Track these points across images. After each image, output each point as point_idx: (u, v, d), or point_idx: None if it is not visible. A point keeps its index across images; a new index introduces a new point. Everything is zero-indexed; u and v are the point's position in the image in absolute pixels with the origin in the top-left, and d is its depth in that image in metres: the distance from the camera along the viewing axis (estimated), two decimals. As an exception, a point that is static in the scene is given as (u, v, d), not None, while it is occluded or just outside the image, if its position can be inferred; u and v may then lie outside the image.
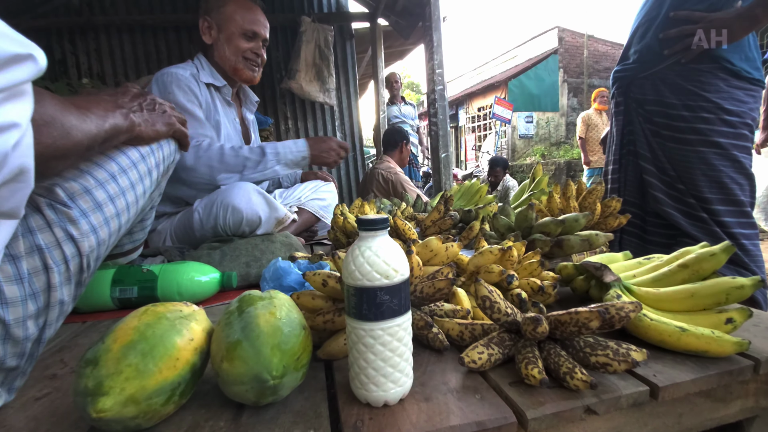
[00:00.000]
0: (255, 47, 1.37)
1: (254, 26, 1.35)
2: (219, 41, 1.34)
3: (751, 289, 0.60)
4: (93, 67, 3.50)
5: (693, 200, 1.23)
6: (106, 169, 0.65)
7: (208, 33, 1.35)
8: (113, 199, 0.65)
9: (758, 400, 0.64)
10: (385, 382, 0.47)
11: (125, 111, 0.66)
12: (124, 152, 0.69)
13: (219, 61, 1.36)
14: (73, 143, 0.52)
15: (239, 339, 0.46)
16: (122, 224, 0.68)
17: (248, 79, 1.40)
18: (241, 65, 1.36)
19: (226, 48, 1.34)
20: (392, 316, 0.46)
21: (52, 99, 0.49)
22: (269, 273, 0.89)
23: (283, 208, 1.23)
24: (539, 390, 0.51)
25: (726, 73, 1.20)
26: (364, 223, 0.46)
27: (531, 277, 0.78)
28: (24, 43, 0.38)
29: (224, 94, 1.41)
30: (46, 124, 0.48)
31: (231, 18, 1.32)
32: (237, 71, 1.37)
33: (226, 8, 1.32)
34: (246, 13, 1.33)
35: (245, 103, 1.54)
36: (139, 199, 0.71)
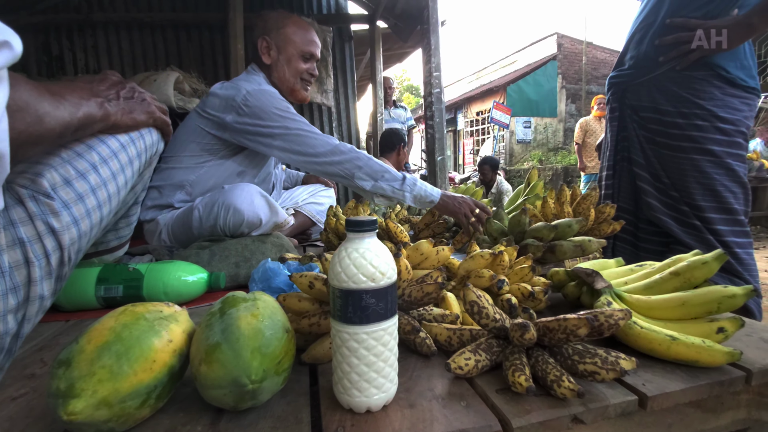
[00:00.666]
0: (311, 68, 1.40)
1: (312, 47, 1.38)
2: (279, 62, 1.35)
3: (743, 299, 0.59)
4: (90, 64, 3.48)
5: (686, 207, 1.23)
6: (86, 159, 0.64)
7: (267, 53, 1.36)
8: (95, 189, 0.64)
9: (750, 412, 0.63)
10: (368, 387, 0.46)
11: (100, 99, 0.64)
12: (104, 141, 0.67)
13: (277, 82, 1.37)
14: (46, 129, 0.50)
15: (219, 341, 0.45)
16: (104, 216, 0.67)
17: (302, 99, 1.43)
18: (299, 86, 1.39)
19: (286, 69, 1.35)
20: (378, 320, 0.45)
21: (26, 84, 0.48)
22: (258, 274, 0.88)
23: (284, 213, 1.23)
24: (526, 398, 0.50)
25: (721, 80, 1.20)
26: (351, 224, 0.45)
27: (522, 282, 0.77)
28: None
29: None
30: (20, 109, 0.46)
31: (290, 39, 1.34)
32: (294, 92, 1.40)
33: (286, 30, 1.35)
34: (304, 34, 1.36)
35: None
36: (121, 189, 0.70)
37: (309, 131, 1.21)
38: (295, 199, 1.68)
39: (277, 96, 1.25)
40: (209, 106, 1.26)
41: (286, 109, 1.22)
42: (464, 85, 17.89)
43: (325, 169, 1.20)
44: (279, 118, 1.20)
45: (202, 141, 1.27)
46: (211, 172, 1.29)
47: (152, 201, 1.25)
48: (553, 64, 13.13)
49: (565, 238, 0.98)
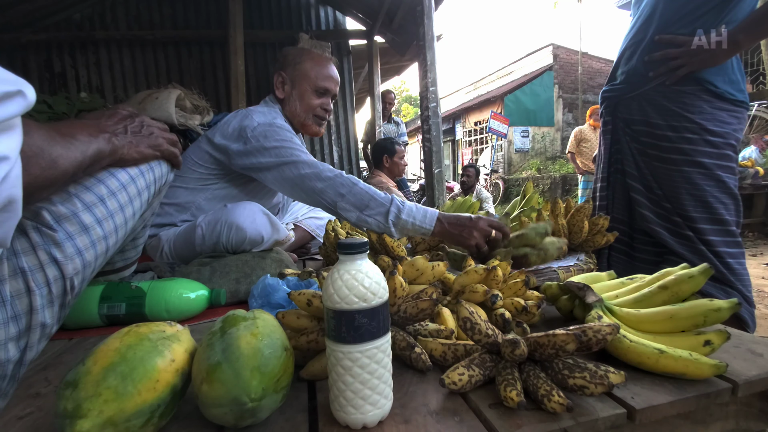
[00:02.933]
0: (325, 103, 1.40)
1: (327, 83, 1.38)
2: (291, 97, 1.37)
3: (728, 312, 0.61)
4: (92, 81, 3.53)
5: (679, 219, 1.25)
6: (94, 192, 0.66)
7: (281, 88, 1.38)
8: (101, 221, 0.66)
9: (738, 422, 0.64)
10: (363, 404, 0.47)
11: (108, 135, 0.66)
12: (114, 174, 0.70)
13: (289, 116, 1.39)
14: (60, 172, 0.53)
15: (219, 361, 0.46)
16: (110, 246, 0.69)
17: (314, 133, 1.45)
18: (310, 121, 1.40)
19: (298, 104, 1.37)
20: (371, 339, 0.47)
21: (38, 130, 0.50)
22: (258, 290, 0.90)
23: (285, 230, 1.25)
24: (518, 412, 0.52)
25: (709, 95, 1.23)
26: (343, 246, 0.47)
27: (515, 296, 0.79)
28: (13, 81, 0.39)
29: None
30: (34, 155, 0.49)
31: (306, 75, 1.35)
32: (305, 126, 1.41)
33: (303, 66, 1.36)
34: (321, 70, 1.37)
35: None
36: (129, 220, 0.72)
37: (300, 159, 1.17)
38: (294, 213, 1.70)
39: (284, 128, 1.25)
40: (221, 132, 1.27)
41: (290, 140, 1.22)
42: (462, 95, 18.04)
43: (312, 198, 1.15)
44: (277, 150, 1.19)
45: (210, 166, 1.29)
46: (216, 196, 1.30)
47: (156, 218, 1.27)
48: (549, 74, 13.27)
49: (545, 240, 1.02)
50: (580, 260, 1.19)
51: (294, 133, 1.32)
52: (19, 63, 3.43)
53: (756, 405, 0.65)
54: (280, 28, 3.75)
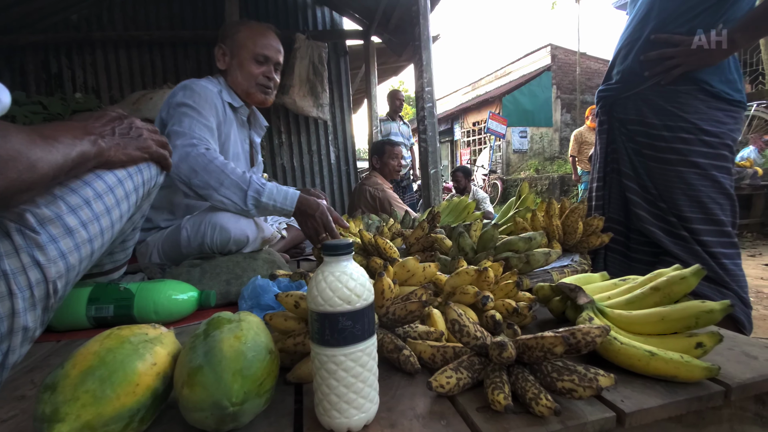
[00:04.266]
0: (266, 71, 1.39)
1: (265, 50, 1.38)
2: (232, 67, 1.38)
3: (720, 314, 0.60)
4: (88, 82, 3.52)
5: (674, 219, 1.24)
6: (80, 194, 0.65)
7: (223, 59, 1.39)
8: (86, 224, 0.65)
9: (733, 427, 0.63)
10: (347, 408, 0.46)
11: (94, 137, 0.65)
12: (101, 177, 0.69)
13: (232, 86, 1.40)
14: (39, 176, 0.52)
15: (201, 364, 0.46)
16: (95, 249, 0.68)
17: (260, 102, 1.44)
18: (254, 89, 1.39)
19: (239, 73, 1.37)
20: (355, 342, 0.46)
21: (17, 133, 0.49)
22: (247, 291, 0.89)
23: (270, 227, 1.23)
24: (505, 416, 0.51)
25: (705, 94, 1.22)
26: (327, 248, 0.46)
27: (507, 298, 0.78)
28: None
29: (241, 114, 1.45)
30: (12, 159, 0.48)
31: (243, 44, 1.36)
32: (249, 95, 1.41)
33: (239, 35, 1.37)
34: (258, 38, 1.37)
35: (254, 126, 1.58)
36: (115, 223, 0.71)
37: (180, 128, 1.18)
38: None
39: (204, 92, 1.26)
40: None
41: (195, 104, 1.22)
42: (460, 96, 18.05)
43: (177, 171, 1.13)
44: (181, 108, 1.20)
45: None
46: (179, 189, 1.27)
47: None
48: (547, 75, 13.28)
49: (533, 248, 1.01)
50: (574, 261, 1.18)
51: (222, 101, 1.33)
52: (17, 64, 3.42)
53: (751, 409, 0.64)
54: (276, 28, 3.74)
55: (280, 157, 3.89)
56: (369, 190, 2.79)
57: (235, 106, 1.40)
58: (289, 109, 3.52)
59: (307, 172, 3.97)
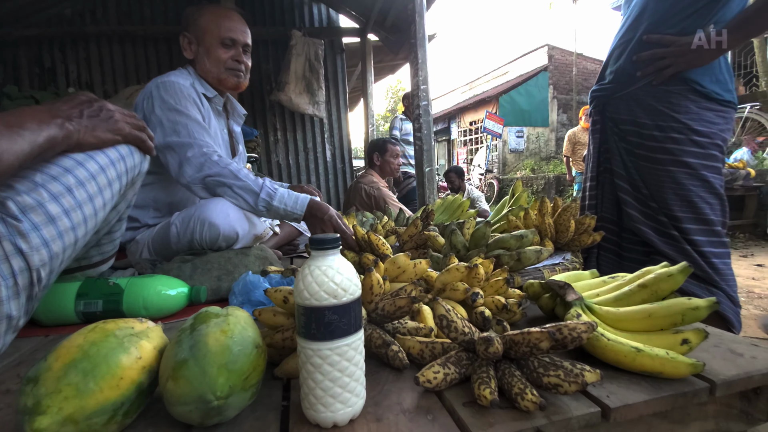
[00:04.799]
0: (235, 54, 1.35)
1: (231, 33, 1.33)
2: (199, 54, 1.33)
3: (706, 311, 0.61)
4: (82, 76, 3.50)
5: (665, 218, 1.25)
6: (61, 182, 0.64)
7: (189, 48, 1.35)
8: (68, 212, 0.64)
9: (718, 423, 0.64)
10: (333, 402, 0.46)
11: (60, 120, 0.64)
12: (82, 164, 0.68)
13: (202, 74, 1.36)
14: (5, 167, 0.51)
15: (186, 358, 0.45)
16: (79, 237, 0.67)
17: (234, 86, 1.40)
18: (225, 75, 1.35)
19: (207, 60, 1.33)
20: (341, 336, 0.46)
21: None
22: (238, 287, 0.89)
23: (262, 224, 1.23)
24: (492, 411, 0.51)
25: (696, 94, 1.23)
26: (314, 242, 0.46)
27: (497, 294, 0.78)
28: None
29: (215, 104, 1.41)
30: None
31: (207, 29, 1.31)
32: (221, 81, 1.37)
33: (202, 20, 1.32)
34: (222, 21, 1.33)
35: (232, 115, 1.54)
36: (99, 211, 0.71)
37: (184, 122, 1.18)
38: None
39: (181, 90, 1.24)
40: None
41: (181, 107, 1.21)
42: (457, 95, 18.07)
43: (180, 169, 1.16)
44: (170, 115, 1.19)
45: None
46: (165, 188, 1.27)
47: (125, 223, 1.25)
48: (544, 75, 13.32)
49: (525, 246, 1.01)
50: (565, 259, 1.19)
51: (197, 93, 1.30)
52: (9, 58, 3.39)
53: (737, 405, 0.64)
54: (272, 25, 3.72)
55: (275, 154, 3.88)
56: (364, 188, 2.79)
57: (209, 96, 1.36)
58: (284, 106, 3.51)
59: (303, 169, 3.96)
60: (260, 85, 3.75)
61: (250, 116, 3.78)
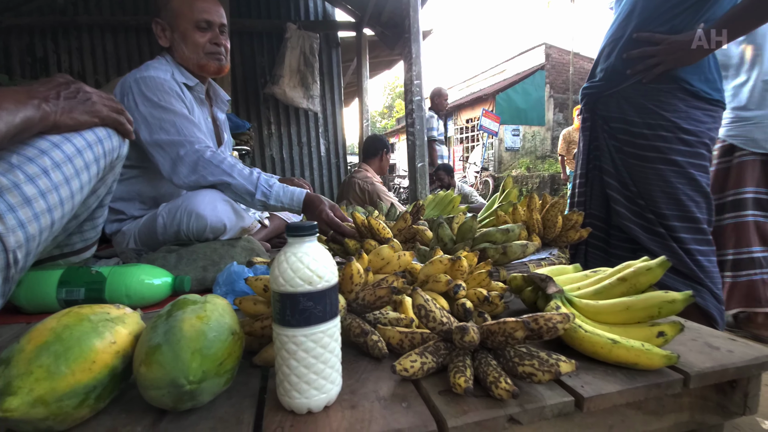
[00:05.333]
0: (213, 37, 1.28)
1: (205, 15, 1.25)
2: (175, 41, 1.27)
3: (682, 304, 0.62)
4: (74, 66, 3.46)
5: (652, 216, 1.26)
6: (37, 163, 0.64)
7: (163, 36, 1.29)
8: (44, 194, 0.64)
9: (693, 415, 0.65)
10: (308, 389, 0.47)
11: (37, 101, 0.64)
12: (59, 146, 0.68)
13: (181, 62, 1.31)
14: None
15: (159, 343, 0.45)
16: (55, 220, 0.67)
17: (216, 71, 1.34)
18: (205, 60, 1.28)
19: (184, 47, 1.27)
20: (316, 323, 0.46)
21: None
22: (223, 277, 0.89)
23: (251, 217, 1.22)
24: (467, 399, 0.52)
25: (685, 93, 1.24)
26: (291, 228, 0.46)
27: (479, 287, 0.78)
28: None
29: (198, 92, 1.37)
30: None
31: (180, 13, 1.24)
32: (202, 67, 1.31)
33: (173, 3, 1.25)
34: (194, 3, 1.25)
35: (216, 102, 1.50)
36: (76, 194, 0.70)
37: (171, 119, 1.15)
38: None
39: (162, 85, 1.20)
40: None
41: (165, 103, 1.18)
42: (454, 92, 18.06)
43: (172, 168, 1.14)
44: (155, 113, 1.16)
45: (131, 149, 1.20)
46: (150, 182, 1.26)
47: (111, 215, 1.23)
48: (541, 74, 13.34)
49: (511, 241, 1.02)
50: (552, 254, 1.20)
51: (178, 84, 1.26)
52: (1, 47, 3.34)
53: (713, 398, 0.65)
54: (267, 17, 3.70)
55: (269, 147, 3.86)
56: (358, 183, 2.79)
57: (190, 85, 1.31)
58: (278, 99, 3.49)
59: (297, 163, 3.95)
60: (254, 78, 3.72)
61: (243, 109, 3.76)
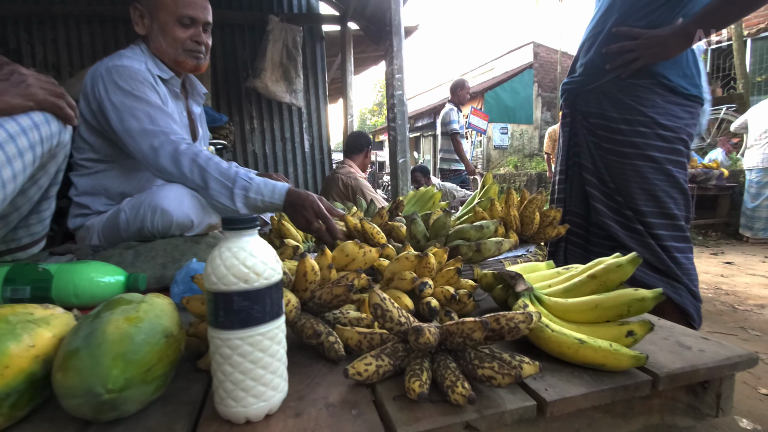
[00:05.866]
0: (194, 34, 1.22)
1: (190, 10, 1.19)
2: (153, 31, 1.22)
3: (652, 302, 0.59)
4: (49, 58, 3.34)
5: (630, 212, 1.24)
6: None
7: (141, 22, 1.23)
8: None
9: (663, 417, 0.62)
10: (245, 396, 0.43)
11: None
12: None
13: (157, 54, 1.25)
14: None
15: (78, 347, 0.41)
16: None
17: (192, 69, 1.28)
18: (182, 57, 1.23)
19: (162, 40, 1.20)
20: (253, 324, 0.42)
21: None
22: (181, 275, 0.84)
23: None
24: (422, 405, 0.48)
25: (663, 88, 1.22)
26: (227, 221, 0.42)
27: (447, 285, 0.75)
28: None
29: (173, 86, 1.30)
30: None
31: (162, 3, 1.18)
32: (179, 63, 1.25)
33: None
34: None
35: (192, 95, 1.44)
36: (8, 182, 0.65)
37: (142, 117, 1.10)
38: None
39: (136, 74, 1.14)
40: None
41: (132, 90, 1.12)
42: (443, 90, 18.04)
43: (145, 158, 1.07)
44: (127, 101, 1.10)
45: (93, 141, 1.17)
46: (118, 177, 1.20)
47: (76, 210, 1.18)
48: (529, 72, 13.39)
49: (486, 237, 0.99)
50: (529, 251, 1.17)
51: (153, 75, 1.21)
52: (-29, 37, 3.22)
53: (683, 400, 0.63)
54: (249, 9, 3.61)
55: (251, 143, 3.78)
56: (341, 179, 2.75)
57: (165, 78, 1.26)
58: (261, 93, 3.42)
59: (280, 159, 3.88)
60: (236, 71, 3.64)
61: (224, 103, 3.68)
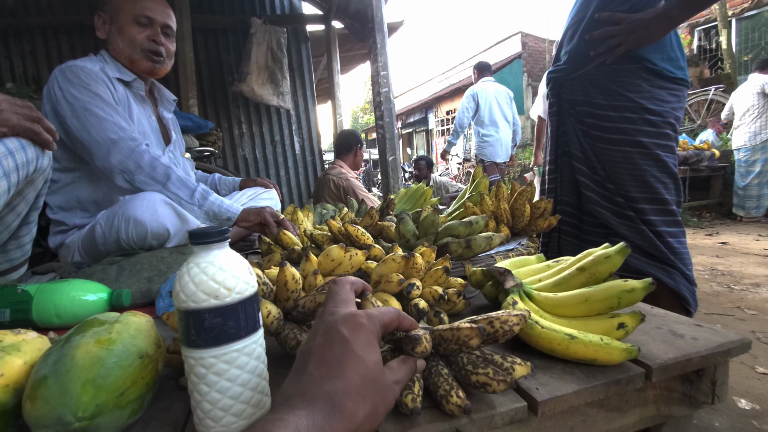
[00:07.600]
0: (152, 34, 1.25)
1: (147, 11, 1.24)
2: (112, 34, 1.24)
3: (642, 292, 0.58)
4: (28, 71, 3.29)
5: (621, 199, 1.23)
6: None
7: (102, 28, 1.26)
8: None
9: (659, 408, 0.61)
10: (224, 415, 0.41)
11: None
12: None
13: (115, 55, 1.26)
14: None
15: (46, 375, 0.40)
16: None
17: (148, 71, 1.29)
18: (137, 56, 1.25)
19: (119, 40, 1.23)
20: (227, 341, 0.40)
21: None
22: (166, 289, 0.83)
23: (197, 221, 1.15)
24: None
25: (648, 73, 1.21)
26: (193, 236, 0.41)
27: (436, 284, 0.74)
28: None
29: (136, 89, 1.31)
30: None
31: (122, 6, 1.23)
32: (134, 63, 1.26)
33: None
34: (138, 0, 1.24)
35: (161, 101, 1.45)
36: None
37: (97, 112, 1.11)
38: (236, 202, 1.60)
39: (91, 73, 1.16)
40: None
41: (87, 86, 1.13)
42: (434, 84, 18.01)
43: (105, 164, 1.10)
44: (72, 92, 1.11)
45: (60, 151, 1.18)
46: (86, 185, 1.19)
47: (54, 227, 1.17)
48: (518, 63, 13.38)
49: (476, 233, 0.98)
50: (521, 244, 1.16)
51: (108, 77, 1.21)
52: (-52, 52, 3.17)
53: (678, 389, 0.62)
54: (231, 13, 3.57)
55: (241, 148, 3.75)
56: (333, 179, 2.73)
57: (126, 80, 1.26)
58: (248, 97, 3.39)
59: (271, 163, 3.85)
60: (221, 76, 3.61)
61: (212, 108, 3.64)
